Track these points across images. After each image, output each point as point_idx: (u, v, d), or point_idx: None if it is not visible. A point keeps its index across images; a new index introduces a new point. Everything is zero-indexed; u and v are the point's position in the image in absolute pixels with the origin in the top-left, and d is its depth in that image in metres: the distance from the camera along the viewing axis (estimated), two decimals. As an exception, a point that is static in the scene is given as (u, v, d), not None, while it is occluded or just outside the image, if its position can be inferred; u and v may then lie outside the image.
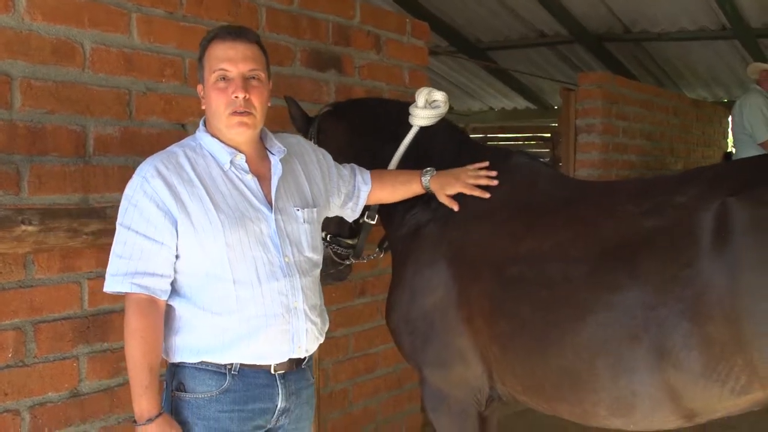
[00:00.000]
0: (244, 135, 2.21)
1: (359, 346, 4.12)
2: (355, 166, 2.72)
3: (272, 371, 2.21)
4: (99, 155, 2.80)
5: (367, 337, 4.16)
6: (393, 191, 2.75)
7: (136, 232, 2.09)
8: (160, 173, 2.11)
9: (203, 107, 2.23)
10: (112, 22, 2.83)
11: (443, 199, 2.67)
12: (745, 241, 2.11)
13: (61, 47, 2.69)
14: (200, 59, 2.23)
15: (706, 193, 2.26)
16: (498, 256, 2.53)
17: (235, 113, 2.16)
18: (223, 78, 2.16)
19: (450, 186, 2.67)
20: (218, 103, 2.17)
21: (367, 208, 2.77)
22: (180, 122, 3.07)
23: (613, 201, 2.47)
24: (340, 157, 2.73)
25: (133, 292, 2.09)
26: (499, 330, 2.48)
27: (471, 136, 7.28)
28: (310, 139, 2.87)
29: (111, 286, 2.12)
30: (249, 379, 2.18)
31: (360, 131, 2.93)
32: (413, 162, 2.82)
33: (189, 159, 2.18)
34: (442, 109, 2.87)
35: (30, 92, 2.61)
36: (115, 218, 2.68)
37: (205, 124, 2.28)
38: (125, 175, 2.83)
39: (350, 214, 2.72)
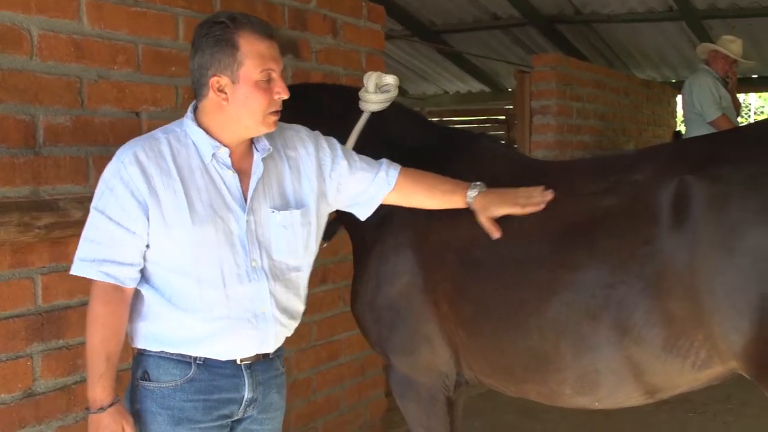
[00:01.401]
0: (272, 130, 2.20)
1: (322, 334, 4.08)
2: (386, 161, 2.49)
3: (238, 362, 2.18)
4: (50, 146, 2.70)
5: (330, 325, 4.13)
6: (430, 196, 2.49)
7: (110, 218, 2.04)
8: (138, 160, 2.06)
9: (223, 102, 2.10)
10: (60, 8, 2.72)
11: (483, 222, 2.41)
12: (704, 218, 2.12)
13: (6, 34, 2.58)
14: (226, 48, 2.06)
15: (663, 171, 2.27)
16: (460, 240, 2.52)
17: (273, 113, 2.15)
18: (269, 78, 2.12)
19: (496, 207, 2.40)
20: (261, 102, 2.10)
21: None
22: (134, 110, 2.98)
23: (571, 181, 2.47)
24: None
25: (99, 279, 2.06)
26: (465, 314, 2.48)
27: (426, 119, 7.28)
28: None
29: (78, 269, 2.07)
30: (214, 369, 2.15)
31: (307, 119, 2.79)
32: (370, 149, 2.75)
33: (171, 147, 2.11)
34: (393, 93, 2.80)
35: (-25, 81, 2.51)
36: (69, 211, 2.61)
37: (194, 112, 2.17)
38: (78, 165, 2.77)
39: (361, 212, 2.50)
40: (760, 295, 2.05)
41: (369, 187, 2.44)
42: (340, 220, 2.88)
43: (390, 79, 2.79)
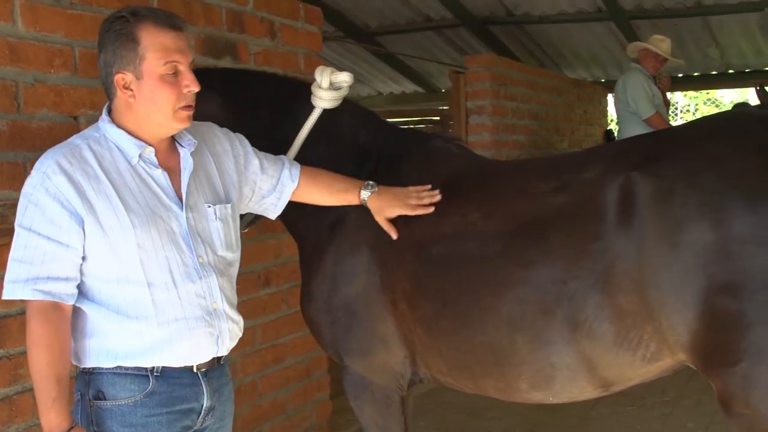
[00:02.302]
0: (185, 127, 2.11)
1: (266, 337, 4.05)
2: (286, 158, 2.57)
3: (195, 370, 2.12)
4: (-15, 152, 2.62)
5: (274, 328, 4.10)
6: (328, 195, 2.58)
7: (38, 233, 1.92)
8: (63, 169, 1.94)
9: (130, 100, 2.03)
10: (-8, 10, 2.65)
11: (381, 222, 2.55)
12: (649, 214, 2.18)
13: (-63, 37, 2.50)
14: (127, 43, 1.99)
15: (610, 168, 2.33)
16: (418, 238, 2.55)
17: (184, 108, 2.05)
18: (175, 71, 2.02)
19: (390, 208, 2.54)
20: (168, 96, 2.01)
21: None
22: (72, 115, 2.90)
23: (524, 180, 2.52)
24: None
25: (36, 299, 1.93)
26: (423, 311, 2.50)
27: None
28: None
29: (11, 293, 1.94)
30: (173, 380, 2.07)
31: (244, 108, 2.74)
32: (324, 145, 2.74)
33: (94, 152, 2.01)
34: (345, 90, 2.78)
35: None
36: (7, 217, 2.53)
37: (109, 113, 2.09)
38: (15, 171, 2.69)
39: (271, 210, 2.54)
40: (703, 288, 2.11)
41: (276, 184, 2.48)
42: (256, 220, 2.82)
43: (344, 77, 2.75)
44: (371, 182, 2.57)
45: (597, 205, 2.27)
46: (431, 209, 2.54)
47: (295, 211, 2.66)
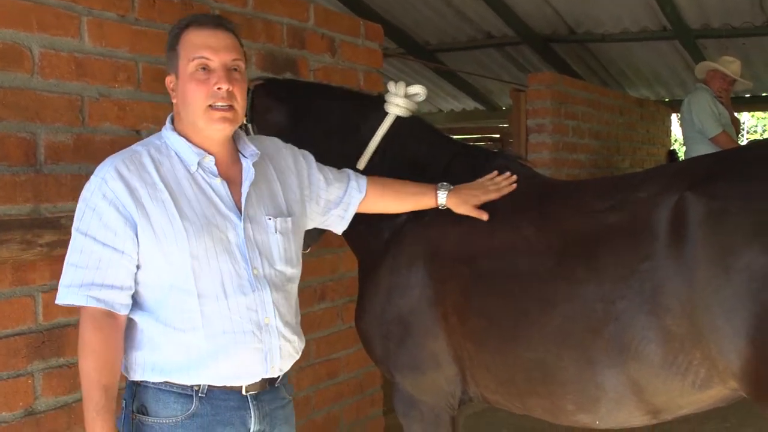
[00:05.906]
0: (224, 132, 2.06)
1: (321, 351, 4.07)
2: (351, 171, 2.55)
3: (244, 392, 2.06)
4: (51, 164, 2.70)
5: (329, 343, 4.12)
6: (398, 201, 2.58)
7: (94, 239, 1.92)
8: (121, 175, 1.96)
9: (174, 101, 2.07)
10: (61, 26, 2.73)
11: (471, 212, 2.54)
12: (701, 235, 2.12)
13: (8, 52, 2.58)
14: (172, 47, 2.05)
15: (665, 188, 2.27)
16: (472, 252, 2.53)
17: (215, 107, 2.01)
18: (204, 68, 2.00)
19: (473, 198, 2.55)
20: (197, 95, 2.00)
21: None
22: (135, 128, 2.98)
23: (580, 198, 2.49)
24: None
25: (89, 305, 1.93)
26: (473, 325, 2.48)
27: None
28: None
29: (64, 298, 1.95)
30: (218, 402, 2.02)
31: (311, 117, 2.76)
32: (385, 158, 2.75)
33: (153, 159, 2.02)
34: (416, 105, 2.80)
35: (-24, 99, 2.51)
36: (71, 229, 2.60)
37: (172, 122, 2.11)
38: (79, 183, 2.73)
39: (338, 224, 2.51)
40: (755, 314, 2.02)
41: (343, 196, 2.47)
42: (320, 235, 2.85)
43: (418, 89, 2.76)
44: (444, 183, 2.58)
45: (648, 225, 2.22)
46: (513, 186, 2.59)
47: (356, 225, 2.65)
